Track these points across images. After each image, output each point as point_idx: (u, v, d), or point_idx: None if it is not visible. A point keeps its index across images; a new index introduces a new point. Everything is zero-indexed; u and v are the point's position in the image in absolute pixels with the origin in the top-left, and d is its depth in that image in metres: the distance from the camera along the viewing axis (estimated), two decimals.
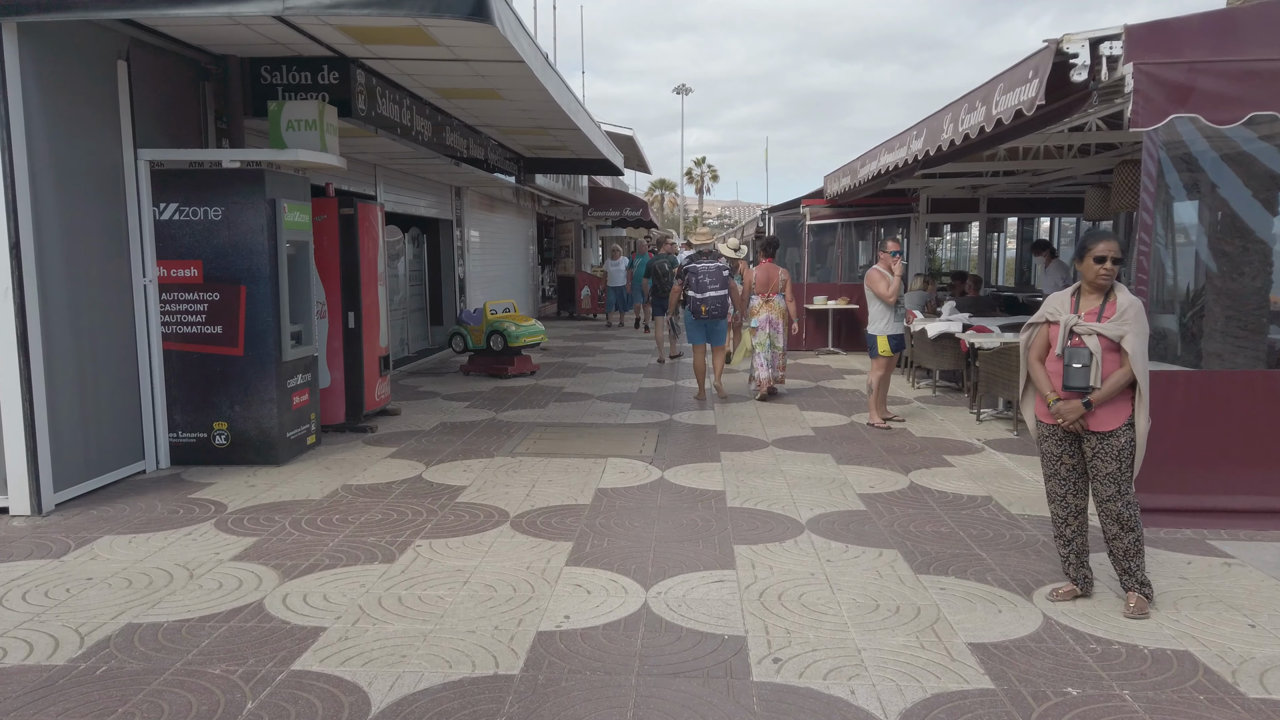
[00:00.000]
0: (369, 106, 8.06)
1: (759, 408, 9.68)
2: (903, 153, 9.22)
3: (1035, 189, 13.24)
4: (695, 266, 9.81)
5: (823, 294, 14.96)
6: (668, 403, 10.02)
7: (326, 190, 8.30)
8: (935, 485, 6.47)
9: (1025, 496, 6.18)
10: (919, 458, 7.34)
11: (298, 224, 7.23)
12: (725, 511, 5.80)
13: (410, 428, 8.59)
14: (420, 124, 9.61)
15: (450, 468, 6.97)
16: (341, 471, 6.85)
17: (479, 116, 10.87)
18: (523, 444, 7.82)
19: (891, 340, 8.68)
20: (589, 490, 6.30)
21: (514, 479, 6.61)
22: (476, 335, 12.14)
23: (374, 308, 8.58)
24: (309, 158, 6.91)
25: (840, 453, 7.51)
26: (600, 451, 7.50)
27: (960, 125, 7.30)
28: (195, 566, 4.77)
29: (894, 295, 8.57)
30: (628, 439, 8.04)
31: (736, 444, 7.85)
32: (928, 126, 8.31)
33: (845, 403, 10.03)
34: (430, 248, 15.39)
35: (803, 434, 8.31)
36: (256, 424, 6.97)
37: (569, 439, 8.03)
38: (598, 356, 14.49)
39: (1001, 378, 8.42)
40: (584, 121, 10.98)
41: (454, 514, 5.73)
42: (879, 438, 8.14)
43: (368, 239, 8.46)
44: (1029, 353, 4.35)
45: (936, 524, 5.55)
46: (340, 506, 5.90)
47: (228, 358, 6.92)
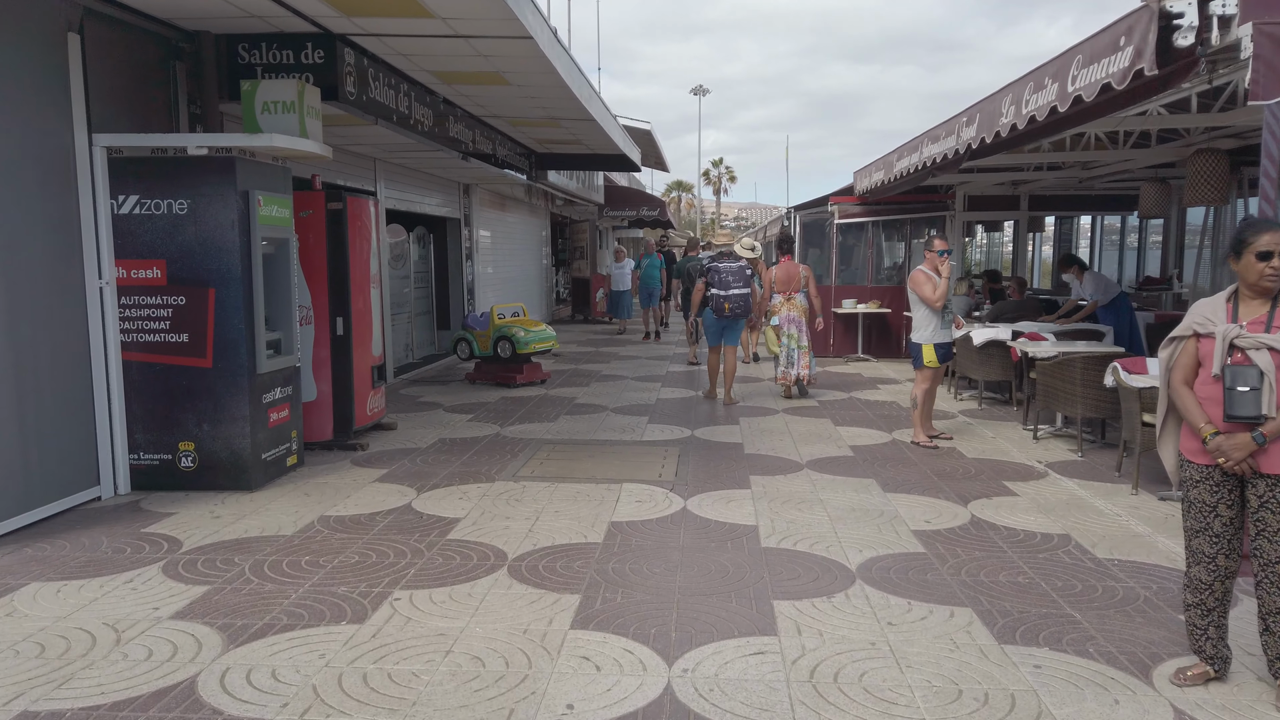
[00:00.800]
0: (359, 90, 7.27)
1: (789, 422, 8.82)
2: (950, 142, 8.33)
3: (1084, 184, 12.30)
4: (719, 265, 9.71)
5: (852, 297, 14.08)
6: (689, 416, 9.18)
7: (312, 183, 7.51)
8: (1001, 519, 5.59)
9: (1109, 535, 5.30)
10: (976, 484, 6.46)
11: (276, 219, 6.44)
12: (760, 553, 4.95)
13: (405, 445, 7.78)
14: (420, 112, 8.82)
15: (444, 495, 6.15)
16: (321, 499, 6.05)
17: (485, 106, 10.07)
18: (528, 465, 6.99)
19: (939, 350, 7.80)
20: (600, 524, 5.47)
21: (515, 509, 5.78)
22: (483, 341, 11.34)
23: (366, 312, 7.79)
24: (285, 144, 6.11)
25: (886, 477, 6.64)
26: (614, 475, 6.67)
27: (1024, 107, 6.42)
28: (127, 626, 3.96)
29: (941, 299, 7.69)
30: (645, 459, 7.21)
31: (767, 466, 7.00)
32: (981, 111, 7.42)
33: (883, 417, 9.15)
34: (437, 248, 14.62)
35: (840, 454, 7.44)
36: (227, 444, 6.18)
37: (579, 460, 7.21)
38: (613, 363, 13.66)
39: (1063, 392, 7.52)
40: (598, 110, 10.16)
41: (443, 555, 4.91)
42: (926, 459, 7.27)
43: (359, 236, 7.66)
44: (1171, 374, 3.45)
45: (1011, 572, 4.68)
46: (313, 544, 5.09)
47: (195, 370, 6.14)
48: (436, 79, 8.57)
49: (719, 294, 9.60)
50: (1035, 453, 7.51)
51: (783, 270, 10.27)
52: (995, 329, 9.51)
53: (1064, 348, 8.28)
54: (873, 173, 12.08)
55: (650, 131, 17.93)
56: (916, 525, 5.47)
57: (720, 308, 9.63)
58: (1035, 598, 4.32)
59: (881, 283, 14.40)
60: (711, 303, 9.70)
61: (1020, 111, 6.48)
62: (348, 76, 7.03)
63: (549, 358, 13.22)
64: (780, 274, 10.25)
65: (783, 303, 10.21)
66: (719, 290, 9.61)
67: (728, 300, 9.58)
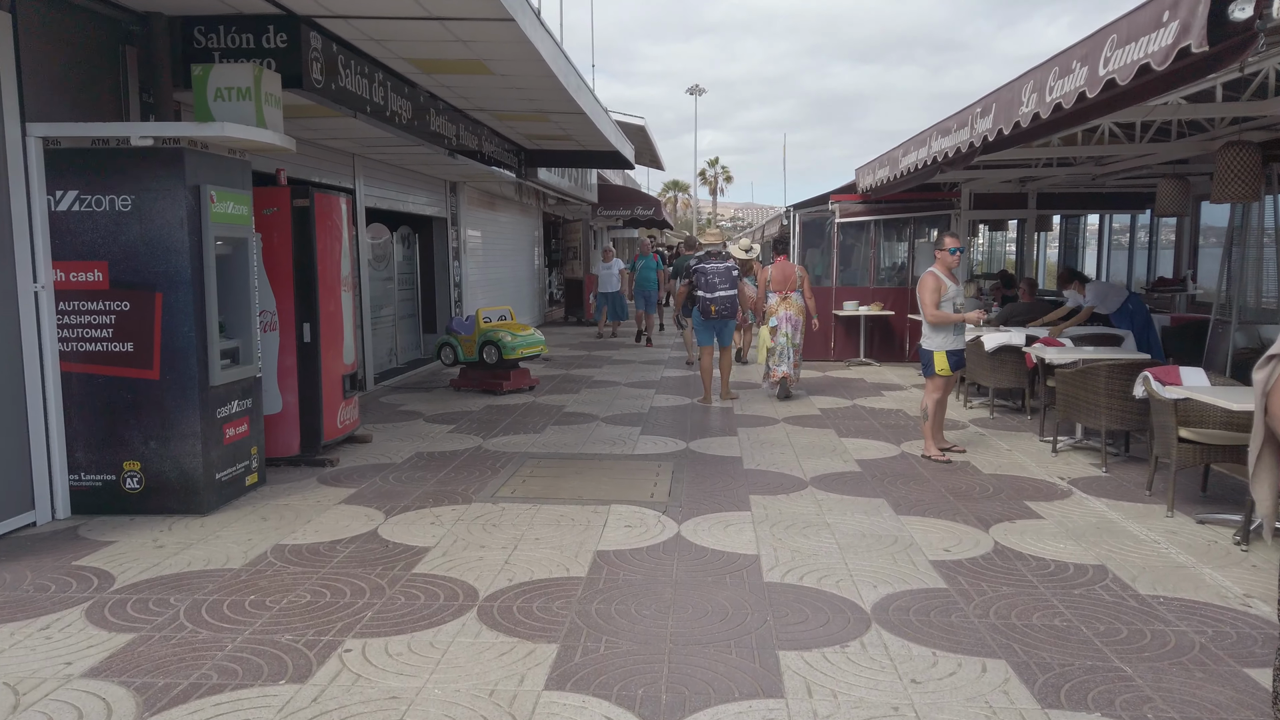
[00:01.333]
0: (327, 78, 6.72)
1: (790, 433, 8.29)
2: (962, 135, 7.80)
3: (1096, 181, 11.78)
4: (704, 267, 9.60)
5: (853, 298, 13.55)
6: (684, 426, 8.64)
7: (277, 178, 6.97)
8: (1027, 548, 5.06)
9: (1149, 566, 4.77)
10: (995, 504, 5.93)
11: (233, 217, 5.90)
12: (762, 590, 4.41)
13: (379, 459, 7.23)
14: (398, 104, 8.27)
15: (415, 519, 5.61)
16: (279, 524, 5.50)
17: (469, 98, 9.53)
18: (509, 484, 6.45)
19: (951, 357, 7.27)
20: (585, 554, 4.93)
21: (491, 537, 5.24)
22: (468, 346, 10.79)
23: (336, 317, 7.24)
24: (240, 134, 5.57)
25: (897, 497, 6.11)
26: (602, 495, 6.13)
27: (1048, 94, 5.89)
28: (30, 688, 3.42)
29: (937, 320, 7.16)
30: (636, 477, 6.67)
31: (768, 483, 6.47)
32: (998, 100, 6.90)
33: (890, 427, 8.62)
34: (423, 248, 14.07)
35: (846, 469, 6.91)
36: (176, 464, 5.63)
37: (565, 477, 6.67)
38: (605, 368, 13.12)
39: (1085, 402, 6.99)
40: (588, 102, 9.62)
41: (406, 593, 4.37)
42: (940, 475, 6.74)
43: (328, 236, 7.12)
44: (1269, 399, 2.89)
45: (1046, 613, 4.15)
46: (261, 580, 4.54)
47: (140, 382, 5.59)
48: (415, 68, 8.03)
49: (705, 296, 9.50)
50: (1056, 467, 6.98)
51: (779, 270, 10.20)
52: (1008, 333, 8.99)
53: (1084, 354, 7.76)
54: (876, 169, 11.56)
55: (644, 128, 17.38)
56: (935, 554, 4.94)
57: (706, 310, 9.54)
58: (1076, 646, 3.79)
59: (884, 284, 13.88)
60: (698, 305, 9.61)
61: (1043, 99, 5.95)
62: (313, 63, 6.48)
63: (538, 363, 12.68)
64: (777, 273, 10.18)
65: (779, 303, 10.14)
66: (705, 292, 9.50)
67: (713, 302, 9.49)
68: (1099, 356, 7.53)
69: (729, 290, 9.52)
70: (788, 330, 10.08)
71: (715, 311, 9.51)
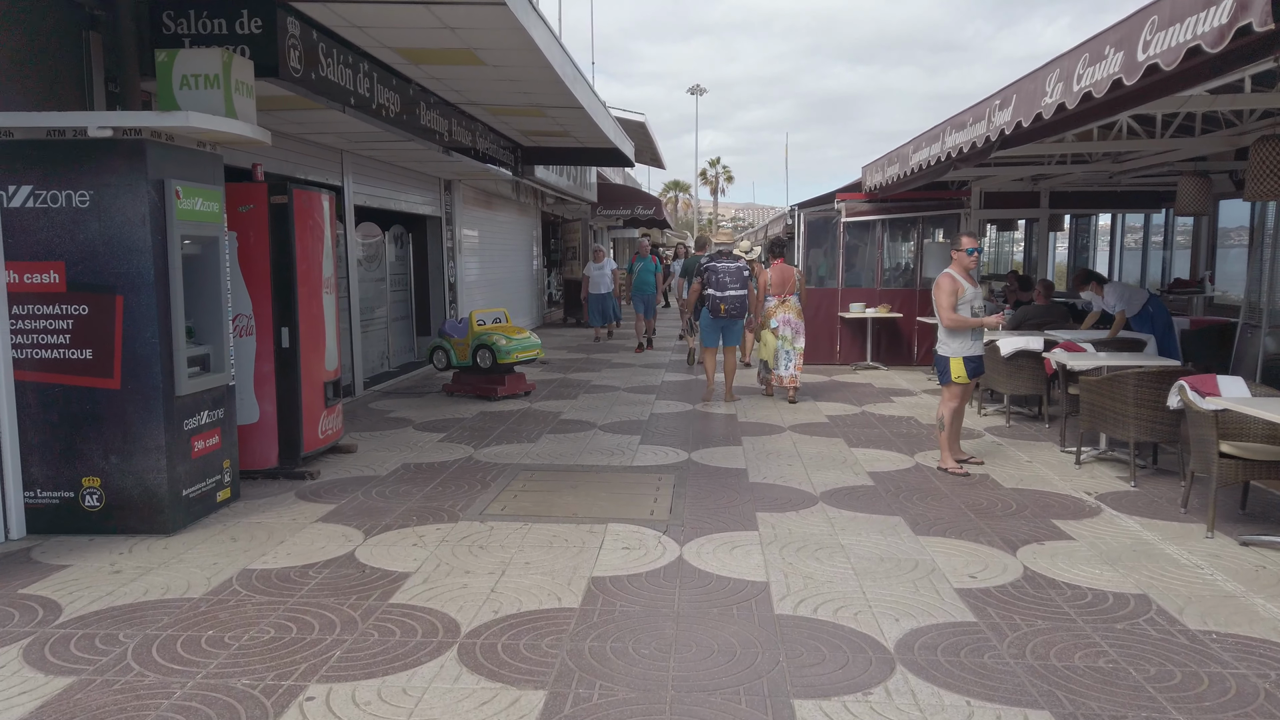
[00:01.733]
0: (306, 67, 6.32)
1: (797, 443, 7.88)
2: (978, 129, 7.40)
3: (1114, 179, 11.37)
4: (716, 265, 9.60)
5: (860, 300, 13.14)
6: (686, 434, 8.23)
7: (253, 173, 6.57)
8: (1060, 573, 4.65)
9: (1195, 596, 4.36)
10: (1021, 523, 5.52)
11: (201, 214, 5.50)
12: (773, 624, 4.01)
13: (362, 471, 6.83)
14: (385, 97, 7.87)
15: (396, 540, 5.20)
16: (249, 545, 5.10)
17: (462, 91, 9.12)
18: (499, 499, 6.04)
19: (969, 364, 6.86)
20: (579, 581, 4.52)
21: (478, 561, 4.83)
22: (461, 350, 10.38)
23: (317, 321, 6.84)
24: (206, 124, 5.16)
25: (915, 514, 5.70)
26: (598, 513, 5.72)
27: (1076, 82, 5.48)
28: None
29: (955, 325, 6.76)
30: (635, 491, 6.26)
31: (776, 499, 6.06)
32: (1019, 91, 6.49)
33: (901, 435, 8.21)
34: (417, 248, 13.66)
35: (859, 483, 6.50)
36: (139, 480, 5.22)
37: (560, 491, 6.26)
38: (604, 372, 12.71)
39: (1111, 411, 6.59)
40: (585, 95, 9.22)
41: (380, 628, 3.96)
42: (958, 489, 6.33)
43: (309, 234, 6.71)
44: None
45: (1089, 652, 3.74)
46: (222, 612, 4.14)
47: (100, 392, 5.19)
48: (402, 58, 7.62)
49: (715, 295, 9.52)
50: (1080, 481, 6.57)
51: (777, 272, 10.16)
52: (1025, 337, 8.58)
53: (1106, 360, 7.35)
54: (885, 167, 11.15)
55: (644, 124, 16.97)
56: (960, 581, 4.53)
57: (716, 308, 9.56)
58: (1127, 693, 3.38)
59: (891, 285, 13.47)
60: (708, 303, 9.62)
61: (1071, 88, 5.54)
62: (291, 50, 6.08)
63: (534, 367, 12.27)
64: (775, 276, 10.14)
65: (778, 305, 10.10)
66: (715, 291, 9.52)
67: (724, 301, 9.51)
68: (1125, 363, 7.13)
69: (739, 290, 9.52)
70: (787, 334, 10.02)
71: (725, 310, 9.51)
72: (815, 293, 13.34)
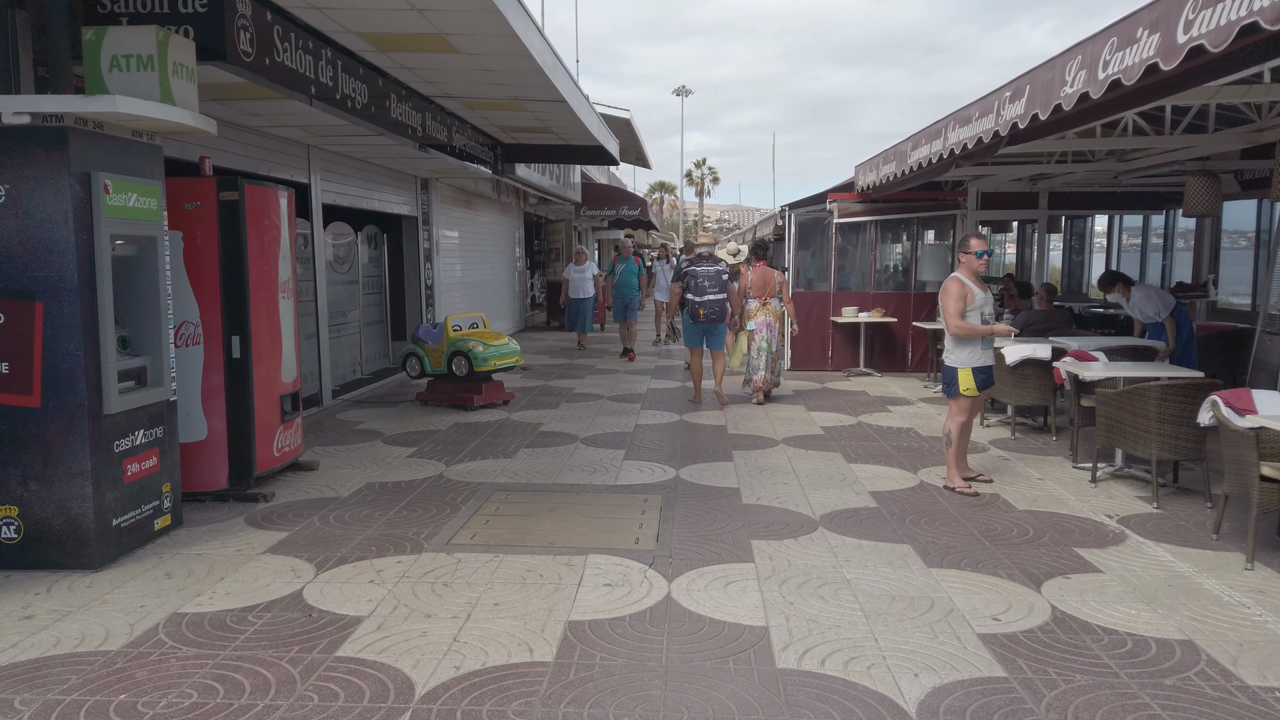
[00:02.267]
0: (259, 52, 5.76)
1: (792, 458, 7.38)
2: (985, 124, 6.92)
3: (1119, 179, 10.93)
4: (695, 269, 9.65)
5: (853, 304, 12.66)
6: (674, 448, 7.72)
7: (201, 167, 6.01)
8: (1091, 614, 4.17)
9: (1246, 641, 3.88)
10: (1040, 552, 5.04)
11: (137, 211, 4.94)
12: (775, 680, 3.49)
13: (322, 492, 6.28)
14: (351, 87, 7.32)
15: (351, 575, 4.66)
16: (185, 582, 4.54)
17: (435, 82, 8.57)
18: (469, 525, 5.51)
19: (978, 375, 6.38)
20: (554, 627, 4.00)
21: (441, 602, 4.30)
22: (435, 357, 9.83)
23: (272, 328, 6.28)
24: (136, 110, 4.61)
25: (924, 542, 5.21)
26: (578, 541, 5.19)
27: (1101, 70, 5.00)
28: None
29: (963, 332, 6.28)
30: (619, 514, 5.74)
31: (772, 524, 5.55)
32: (1033, 81, 6.01)
33: (902, 450, 7.73)
34: (392, 249, 13.10)
35: (860, 505, 6.01)
36: (61, 509, 4.66)
37: (536, 515, 5.73)
38: (587, 378, 12.19)
39: (1132, 426, 6.12)
40: (566, 87, 8.69)
41: (321, 689, 3.43)
42: (968, 511, 5.85)
43: (263, 234, 6.16)
44: None
45: (1140, 717, 3.24)
46: (140, 670, 3.59)
47: (17, 410, 4.62)
48: (369, 44, 7.07)
49: (694, 299, 9.58)
50: (1098, 501, 6.10)
51: (758, 275, 10.11)
52: (1032, 345, 8.12)
53: (1122, 370, 6.89)
54: (881, 165, 10.68)
55: (629, 121, 16.43)
56: (982, 625, 4.04)
57: (695, 313, 9.61)
58: None
59: (885, 289, 13.01)
60: (687, 308, 9.71)
61: (1095, 76, 5.07)
62: (241, 31, 5.53)
63: (514, 374, 11.72)
64: (756, 279, 10.08)
65: (758, 308, 10.06)
66: (694, 296, 9.58)
67: (702, 306, 9.56)
68: (1142, 374, 6.67)
69: (718, 294, 9.56)
70: (767, 336, 9.96)
71: (704, 315, 9.57)
72: (806, 296, 12.87)
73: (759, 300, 10.05)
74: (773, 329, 9.99)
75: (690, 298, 9.59)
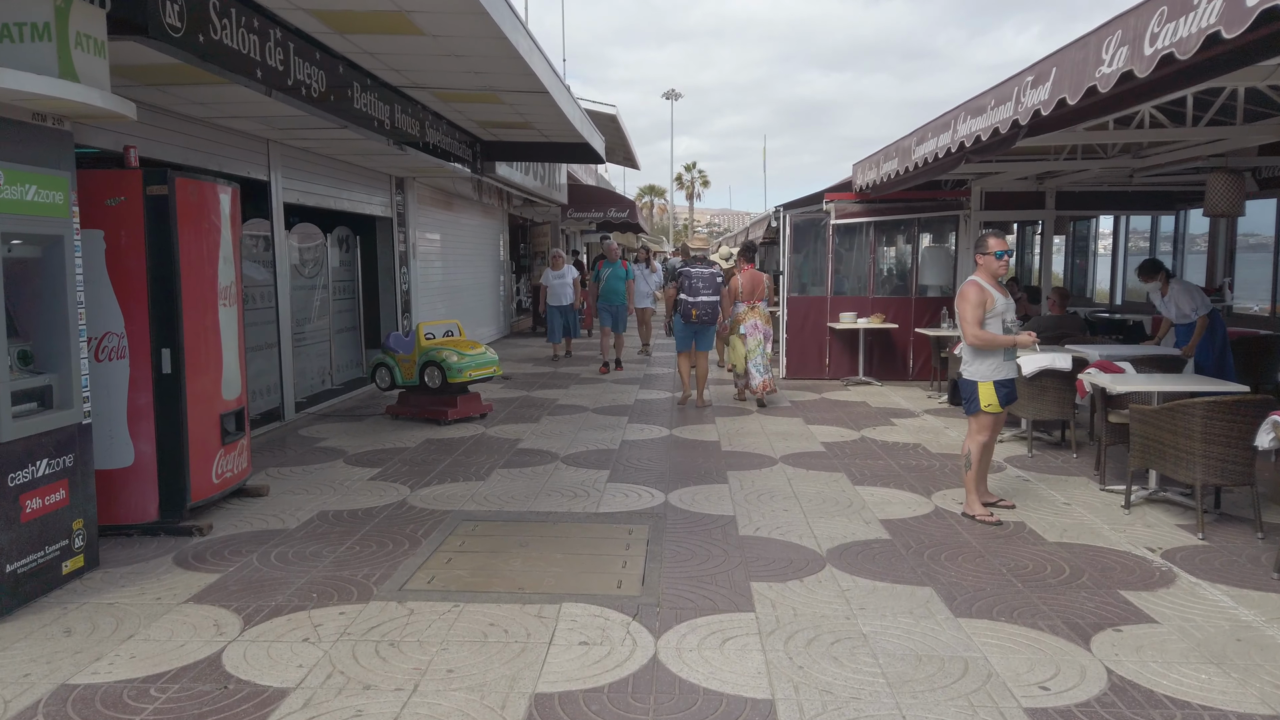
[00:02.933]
0: (192, 27, 5.08)
1: (792, 479, 6.73)
2: (1002, 113, 6.29)
3: (1135, 177, 10.33)
4: (690, 270, 9.73)
5: (851, 309, 12.03)
6: (662, 468, 7.06)
7: (126, 158, 5.33)
8: (1156, 682, 3.52)
9: None
10: (1082, 596, 4.40)
11: (38, 205, 4.26)
12: None
13: (267, 523, 5.59)
14: (306, 72, 6.64)
15: (284, 630, 3.97)
16: (85, 642, 3.86)
17: (401, 69, 7.89)
18: (428, 564, 4.83)
19: (1000, 390, 5.74)
20: (517, 701, 3.33)
21: (385, 668, 3.62)
22: (407, 368, 9.15)
23: (209, 339, 5.59)
24: (22, 85, 3.91)
25: (948, 583, 4.56)
26: (551, 585, 4.52)
27: (1147, 44, 4.37)
28: None
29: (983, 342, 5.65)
30: (599, 550, 5.08)
31: (773, 560, 4.90)
32: (1060, 63, 5.38)
33: (911, 469, 7.08)
34: (365, 252, 12.40)
35: (871, 535, 5.36)
36: None
37: (506, 551, 5.05)
38: (571, 389, 11.52)
39: (1173, 448, 5.49)
40: (545, 73, 8.02)
41: None
42: (992, 544, 5.20)
43: (199, 233, 5.48)
44: None
45: None
46: None
47: None
48: (322, 24, 6.39)
49: (687, 300, 9.63)
50: (1136, 531, 5.46)
51: (748, 278, 10.04)
52: (1051, 354, 7.49)
53: (1155, 384, 6.27)
54: (881, 163, 10.05)
55: (616, 117, 15.76)
56: (1029, 696, 3.38)
57: (688, 313, 9.65)
58: None
59: (885, 293, 12.38)
60: (679, 308, 9.75)
61: (1140, 51, 4.43)
62: (168, 2, 4.84)
63: (495, 384, 11.04)
64: (746, 282, 10.01)
65: (747, 311, 10.00)
66: (687, 296, 9.63)
67: (695, 306, 9.59)
68: (1179, 388, 6.05)
69: (711, 296, 9.61)
70: (758, 338, 9.94)
71: (696, 316, 9.60)
72: (802, 301, 12.25)
73: (748, 304, 9.99)
74: (764, 332, 9.96)
75: (684, 298, 9.64)
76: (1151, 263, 8.56)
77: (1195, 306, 8.02)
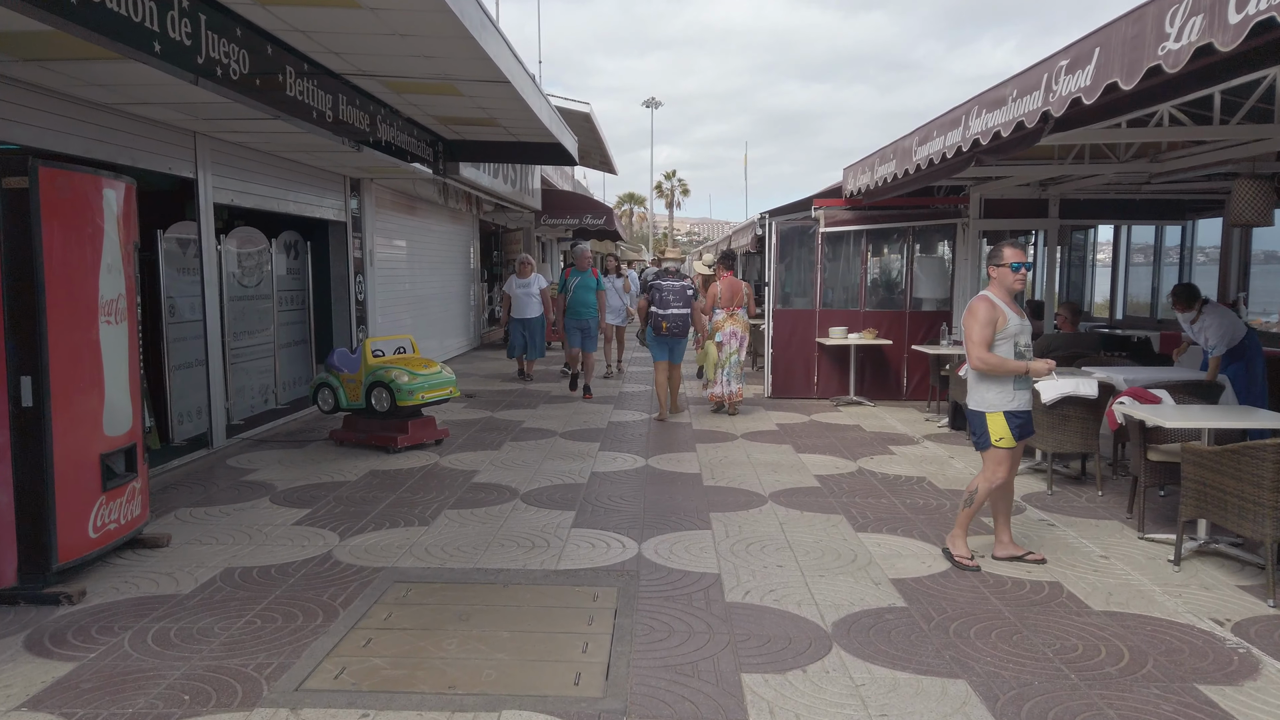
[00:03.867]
0: None
1: (785, 524, 5.84)
2: (1028, 104, 5.44)
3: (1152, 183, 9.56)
4: (661, 284, 9.73)
5: (841, 324, 11.19)
6: (636, 508, 6.15)
7: None
8: None
9: None
10: (1153, 693, 3.53)
11: None
12: None
13: (158, 585, 4.63)
14: (223, 50, 5.71)
15: None
16: None
17: (342, 53, 6.96)
18: (341, 648, 3.88)
19: (1013, 421, 4.90)
20: None
21: None
22: (352, 389, 8.19)
23: (86, 363, 4.63)
24: None
25: (984, 673, 3.68)
26: (491, 680, 3.59)
27: (1235, 11, 3.55)
28: None
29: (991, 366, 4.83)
30: (557, 624, 4.16)
31: (770, 636, 4.00)
32: (1104, 43, 4.56)
33: (918, 510, 6.22)
34: (316, 259, 11.40)
35: (882, 601, 4.48)
36: None
37: (441, 627, 4.12)
38: (540, 409, 10.59)
39: (1235, 496, 4.65)
40: (504, 58, 7.11)
41: None
42: (1028, 614, 4.33)
43: (73, 236, 4.52)
44: None
45: None
46: None
47: None
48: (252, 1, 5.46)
49: (658, 312, 9.65)
50: (1193, 595, 4.62)
51: (727, 285, 10.08)
52: (1074, 379, 6.66)
53: (1209, 419, 5.44)
54: (877, 165, 9.21)
55: (590, 115, 14.85)
56: None
57: (658, 326, 9.66)
58: None
59: (877, 306, 11.55)
60: (650, 320, 9.75)
61: (1225, 19, 3.61)
62: None
63: (457, 405, 10.08)
64: (725, 289, 10.05)
65: (726, 318, 10.04)
66: (658, 309, 9.64)
67: (665, 319, 9.62)
68: (1236, 424, 5.23)
69: (681, 309, 9.64)
70: (734, 345, 9.97)
71: (666, 328, 9.61)
72: (789, 315, 11.40)
73: (726, 311, 10.02)
74: (741, 339, 10.01)
75: (655, 310, 9.65)
76: (1187, 288, 7.73)
77: (1223, 339, 7.22)
